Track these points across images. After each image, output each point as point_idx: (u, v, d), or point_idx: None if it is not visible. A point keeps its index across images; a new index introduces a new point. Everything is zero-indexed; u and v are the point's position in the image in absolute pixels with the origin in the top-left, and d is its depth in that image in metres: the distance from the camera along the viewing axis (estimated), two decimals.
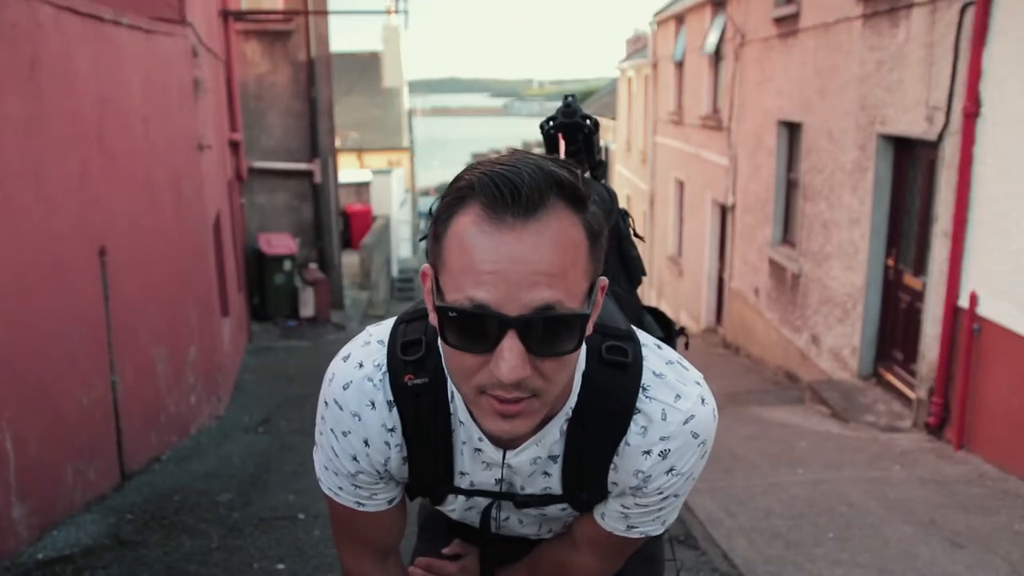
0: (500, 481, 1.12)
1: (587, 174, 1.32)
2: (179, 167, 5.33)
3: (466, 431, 1.08)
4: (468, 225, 0.88)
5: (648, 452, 1.07)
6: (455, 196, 0.91)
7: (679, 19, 14.71)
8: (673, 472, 1.09)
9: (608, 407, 1.05)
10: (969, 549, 3.85)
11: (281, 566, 3.52)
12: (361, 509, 1.17)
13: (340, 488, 1.15)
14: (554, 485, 1.13)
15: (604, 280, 0.97)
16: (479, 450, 1.09)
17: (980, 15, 5.28)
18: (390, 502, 1.19)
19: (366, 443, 1.08)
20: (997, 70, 5.22)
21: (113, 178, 4.26)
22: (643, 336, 1.11)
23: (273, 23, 10.50)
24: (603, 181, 1.53)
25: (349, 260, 13.88)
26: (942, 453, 5.50)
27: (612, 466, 1.10)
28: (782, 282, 9.24)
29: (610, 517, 1.17)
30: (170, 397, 5.00)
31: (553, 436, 1.07)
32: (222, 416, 6.01)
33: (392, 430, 1.08)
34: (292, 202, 10.97)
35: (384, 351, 1.08)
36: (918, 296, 6.45)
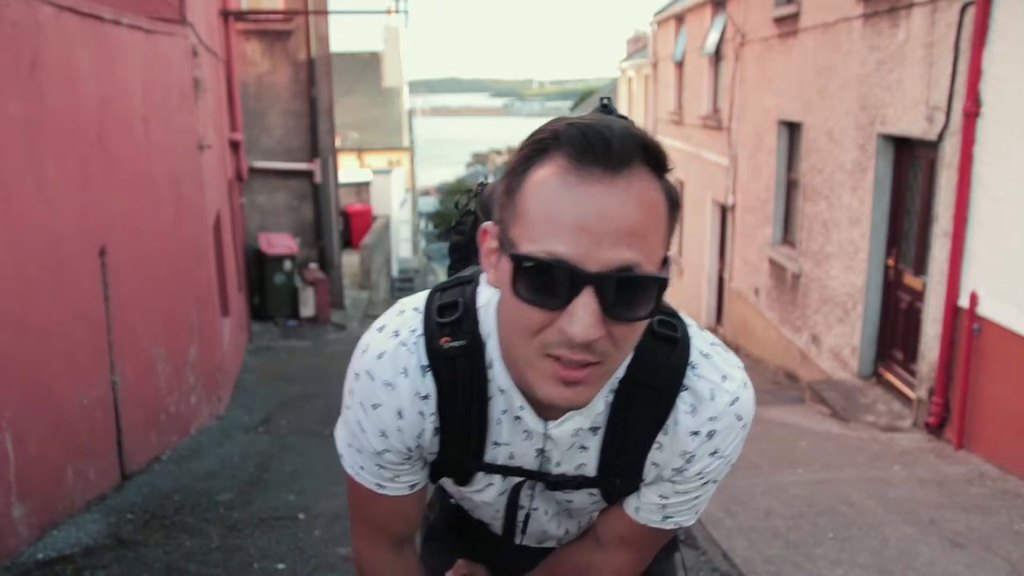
0: (539, 452, 1.07)
1: None
2: (179, 167, 5.33)
3: (506, 399, 1.03)
4: (550, 175, 0.85)
5: (696, 432, 1.04)
6: (535, 147, 0.87)
7: (679, 19, 14.71)
8: (716, 455, 1.07)
9: (657, 382, 1.02)
10: (969, 549, 3.85)
11: (281, 566, 3.52)
12: (381, 492, 1.12)
13: (362, 467, 1.10)
14: (590, 463, 1.08)
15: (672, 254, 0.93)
16: (519, 419, 1.04)
17: (980, 15, 5.27)
18: (412, 487, 1.13)
19: (399, 415, 1.03)
20: (997, 70, 5.22)
21: (113, 178, 4.26)
22: (685, 316, 1.09)
23: (273, 23, 10.50)
24: None
25: (349, 260, 13.88)
26: (942, 453, 5.50)
27: (657, 445, 1.06)
28: (782, 282, 9.24)
29: (645, 510, 1.13)
30: (170, 397, 5.00)
31: (597, 408, 1.04)
32: (222, 416, 6.01)
33: (426, 398, 1.02)
34: (292, 202, 10.97)
35: (420, 316, 1.04)
36: (918, 296, 6.45)
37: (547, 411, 1.02)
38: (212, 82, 6.96)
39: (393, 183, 19.63)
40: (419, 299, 1.07)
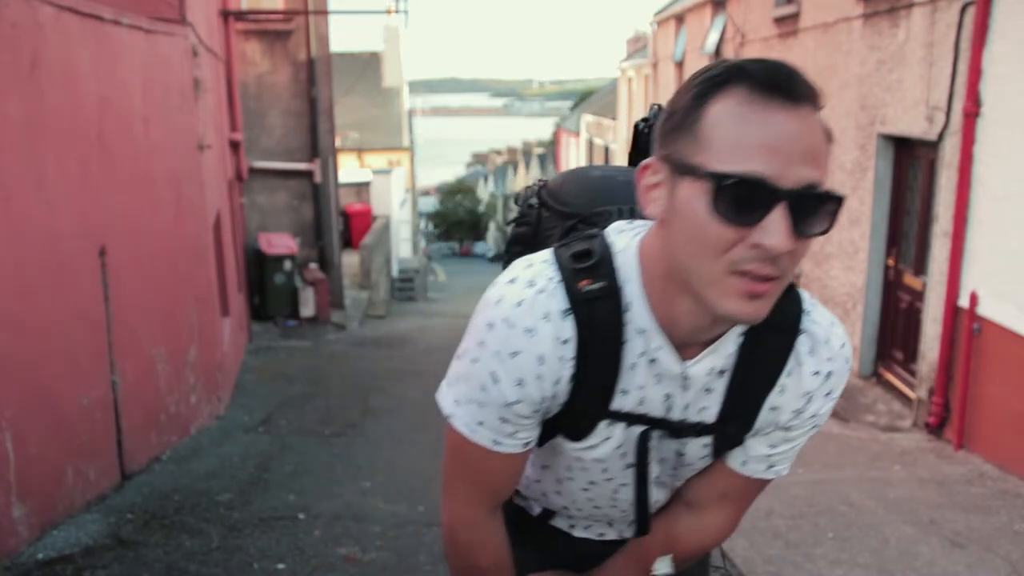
0: (666, 398, 1.10)
1: None
2: (179, 167, 5.33)
3: (644, 340, 1.06)
4: (734, 106, 0.90)
5: (817, 373, 1.10)
6: (710, 83, 0.92)
7: (679, 19, 14.71)
8: (829, 396, 1.13)
9: (780, 324, 1.07)
10: (969, 549, 3.85)
11: (281, 566, 3.52)
12: (495, 449, 1.12)
13: (480, 423, 1.10)
14: (712, 407, 1.12)
15: None
16: (654, 361, 1.07)
17: (980, 15, 5.28)
18: (525, 445, 1.14)
19: (540, 360, 1.04)
20: (997, 70, 5.22)
21: (113, 178, 4.26)
22: None
23: (273, 23, 10.50)
24: None
25: (349, 260, 13.88)
26: (942, 453, 5.50)
27: (779, 388, 1.10)
28: None
29: (753, 461, 1.18)
30: (170, 397, 5.00)
31: (728, 348, 1.08)
32: (222, 416, 6.01)
33: (566, 342, 1.04)
34: (292, 202, 10.97)
35: (552, 265, 1.06)
36: (918, 296, 6.45)
37: (683, 351, 1.06)
38: (212, 82, 6.96)
39: (393, 183, 19.63)
40: (542, 254, 1.09)
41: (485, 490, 1.20)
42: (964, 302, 5.55)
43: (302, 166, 10.80)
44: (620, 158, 20.81)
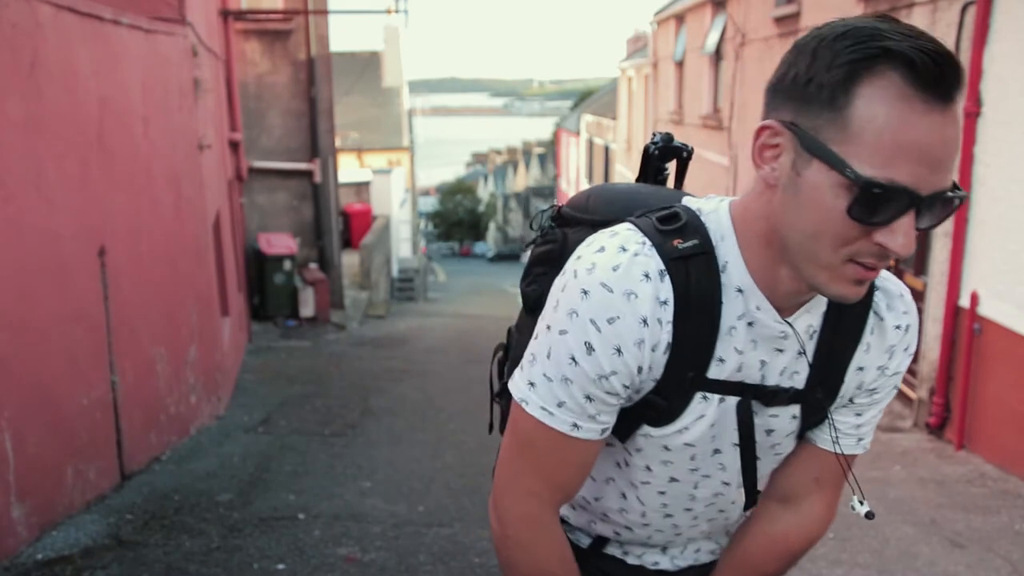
0: (761, 364, 1.06)
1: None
2: (179, 167, 5.33)
3: (744, 299, 1.02)
4: (892, 100, 0.85)
5: (898, 326, 1.12)
6: (860, 61, 0.86)
7: (679, 19, 14.71)
8: (907, 352, 1.14)
9: None
10: (969, 549, 3.85)
11: (281, 566, 3.52)
12: (573, 434, 1.06)
13: (560, 404, 1.04)
14: (802, 371, 1.09)
15: None
16: (753, 323, 1.04)
17: (981, 15, 5.27)
18: (603, 432, 1.08)
19: (644, 322, 0.99)
20: (997, 70, 5.22)
21: (113, 178, 4.26)
22: None
23: (273, 23, 10.50)
24: None
25: (349, 260, 13.88)
26: (942, 453, 5.50)
27: (864, 346, 1.10)
28: None
29: (843, 436, 1.17)
30: (170, 397, 5.00)
31: (821, 307, 1.07)
32: (222, 416, 6.01)
33: (665, 303, 0.99)
34: (292, 202, 10.97)
35: (639, 230, 1.03)
36: (919, 296, 6.45)
37: (782, 306, 1.04)
38: (212, 82, 6.96)
39: (393, 183, 19.63)
40: (623, 224, 1.06)
41: (554, 485, 1.12)
42: (965, 302, 5.54)
43: (302, 166, 10.80)
44: (620, 158, 20.80)
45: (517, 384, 1.09)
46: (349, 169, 19.98)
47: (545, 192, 43.50)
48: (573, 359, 1.01)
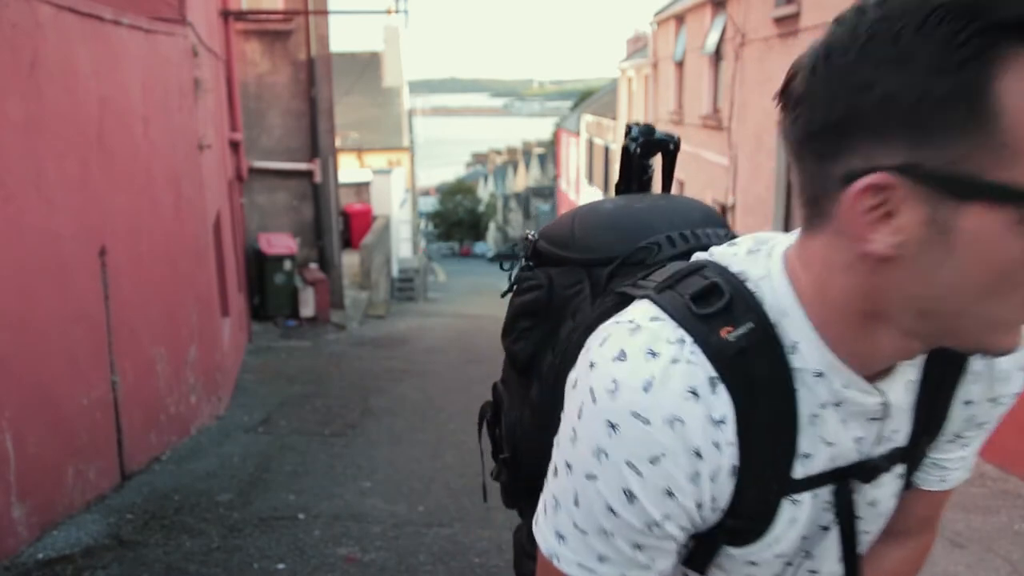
0: (856, 441, 0.84)
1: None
2: (179, 167, 5.33)
3: (825, 384, 0.79)
4: None
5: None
6: (980, 43, 0.60)
7: (679, 19, 14.72)
8: (1022, 369, 0.92)
9: None
10: (969, 549, 3.85)
11: (281, 566, 3.52)
12: None
13: (603, 559, 0.80)
14: (903, 426, 0.88)
15: None
16: (841, 404, 0.80)
17: None
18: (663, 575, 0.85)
19: (697, 454, 0.75)
20: None
21: (113, 178, 4.26)
22: None
23: (273, 23, 10.51)
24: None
25: (349, 260, 13.89)
26: None
27: (971, 377, 0.90)
28: None
29: (953, 472, 1.00)
30: (170, 397, 5.00)
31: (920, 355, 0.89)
32: (222, 416, 6.01)
33: (721, 422, 0.76)
34: (292, 202, 10.98)
35: (669, 320, 0.77)
36: None
37: (875, 374, 0.82)
38: (212, 82, 6.97)
39: (393, 183, 19.65)
40: (640, 307, 0.80)
41: None
42: None
43: (302, 166, 10.81)
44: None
45: (543, 534, 0.85)
46: (349, 169, 19.99)
47: (545, 192, 43.57)
48: (611, 509, 0.78)
